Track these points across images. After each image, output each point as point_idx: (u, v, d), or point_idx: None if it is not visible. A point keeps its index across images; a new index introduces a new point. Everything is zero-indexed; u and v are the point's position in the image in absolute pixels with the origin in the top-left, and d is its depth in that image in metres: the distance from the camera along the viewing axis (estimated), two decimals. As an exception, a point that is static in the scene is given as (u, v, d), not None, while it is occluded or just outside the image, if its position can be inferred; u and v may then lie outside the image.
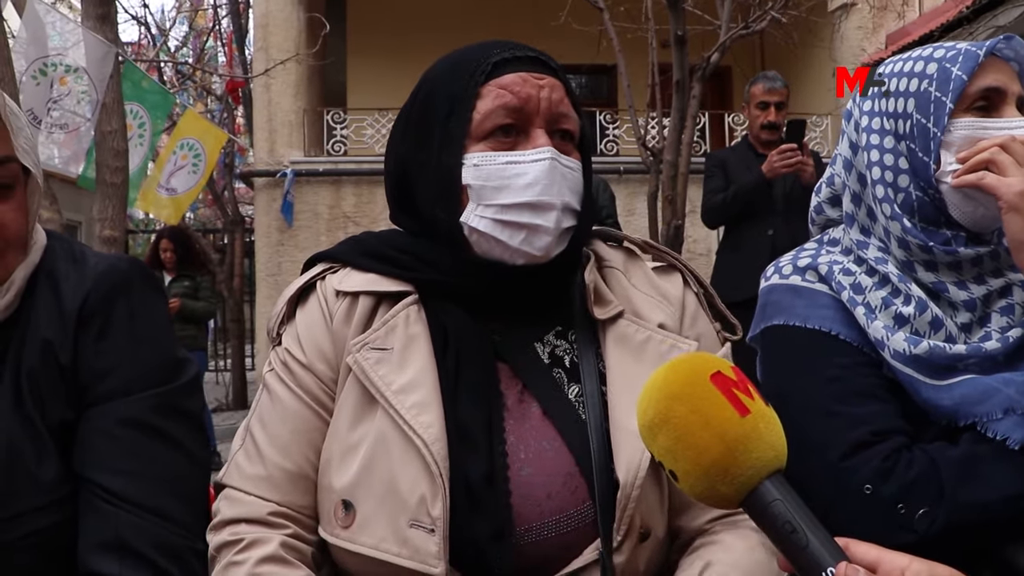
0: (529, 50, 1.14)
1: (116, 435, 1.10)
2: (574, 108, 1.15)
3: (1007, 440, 1.15)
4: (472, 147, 1.10)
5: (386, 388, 1.06)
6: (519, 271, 1.11)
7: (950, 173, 1.23)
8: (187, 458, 1.15)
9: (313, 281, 1.19)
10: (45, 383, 1.10)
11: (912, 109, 1.26)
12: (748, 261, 4.00)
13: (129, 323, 1.15)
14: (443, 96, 1.13)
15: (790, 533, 0.70)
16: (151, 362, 1.15)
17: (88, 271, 1.16)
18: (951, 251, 1.24)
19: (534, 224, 1.08)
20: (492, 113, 1.09)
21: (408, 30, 10.32)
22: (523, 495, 1.04)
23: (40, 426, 1.08)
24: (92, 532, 1.07)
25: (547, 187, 1.08)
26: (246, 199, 13.65)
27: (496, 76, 1.11)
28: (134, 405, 1.12)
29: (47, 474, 1.08)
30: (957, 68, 1.23)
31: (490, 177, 1.09)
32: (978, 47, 1.24)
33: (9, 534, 1.05)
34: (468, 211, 1.10)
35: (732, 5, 5.55)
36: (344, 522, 1.04)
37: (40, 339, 1.10)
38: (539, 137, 1.10)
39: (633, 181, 8.34)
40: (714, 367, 0.76)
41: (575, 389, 1.12)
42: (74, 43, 4.52)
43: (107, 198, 4.26)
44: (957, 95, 1.23)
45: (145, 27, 12.16)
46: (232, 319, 10.85)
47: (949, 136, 1.24)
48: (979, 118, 1.24)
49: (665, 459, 0.75)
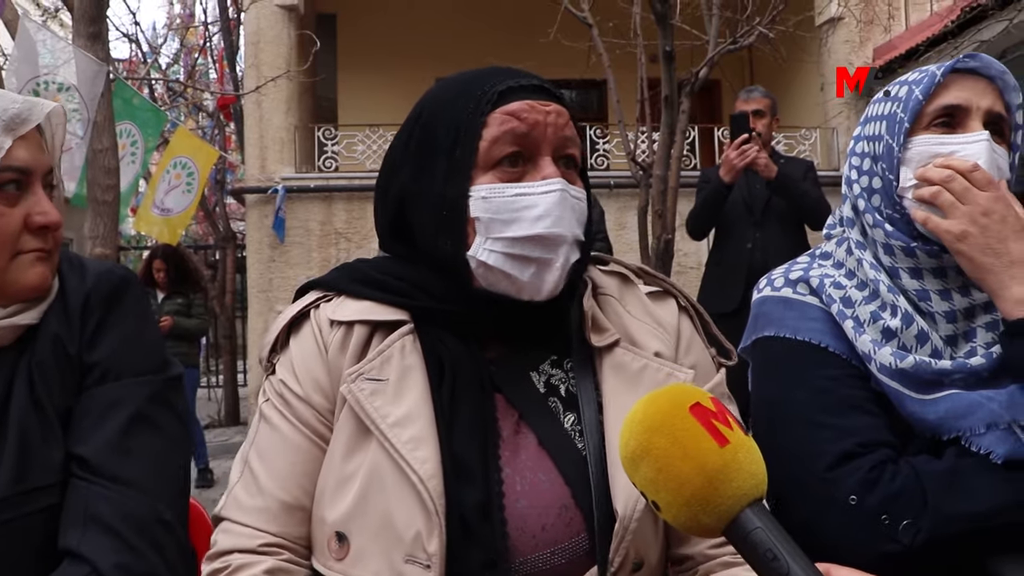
0: (534, 78, 1.13)
1: (102, 414, 1.16)
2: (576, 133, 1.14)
3: (990, 454, 1.17)
4: (479, 178, 1.08)
5: (381, 421, 1.04)
6: (520, 305, 1.10)
7: (909, 188, 1.27)
8: (169, 441, 1.20)
9: (306, 310, 1.17)
10: (55, 372, 1.17)
11: (883, 131, 1.31)
12: (728, 274, 4.06)
13: (123, 321, 1.23)
14: (446, 124, 1.11)
15: (771, 561, 0.70)
16: (141, 355, 1.23)
17: (88, 275, 1.25)
18: (935, 254, 1.26)
19: (545, 259, 1.07)
20: (499, 140, 1.08)
21: (398, 47, 10.36)
22: (518, 528, 1.03)
23: (50, 411, 1.15)
24: (67, 508, 1.12)
25: (558, 219, 1.07)
26: (237, 215, 13.63)
27: (502, 104, 1.09)
28: (123, 389, 1.19)
29: (53, 454, 1.14)
30: (918, 89, 1.28)
31: (499, 210, 1.07)
32: (940, 67, 1.28)
33: (22, 509, 1.10)
34: (476, 244, 1.08)
35: (720, 21, 5.59)
36: (338, 554, 1.04)
37: (51, 334, 1.18)
38: (547, 166, 1.09)
39: (623, 195, 8.35)
40: (693, 398, 0.76)
41: (571, 418, 1.11)
42: (65, 61, 4.52)
43: (99, 216, 4.25)
44: (914, 114, 1.27)
45: (136, 44, 12.18)
46: (224, 335, 10.82)
47: (907, 153, 1.28)
48: (936, 135, 1.27)
49: (648, 490, 0.76)
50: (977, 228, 1.18)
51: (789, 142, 9.19)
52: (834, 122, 8.98)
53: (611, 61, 5.86)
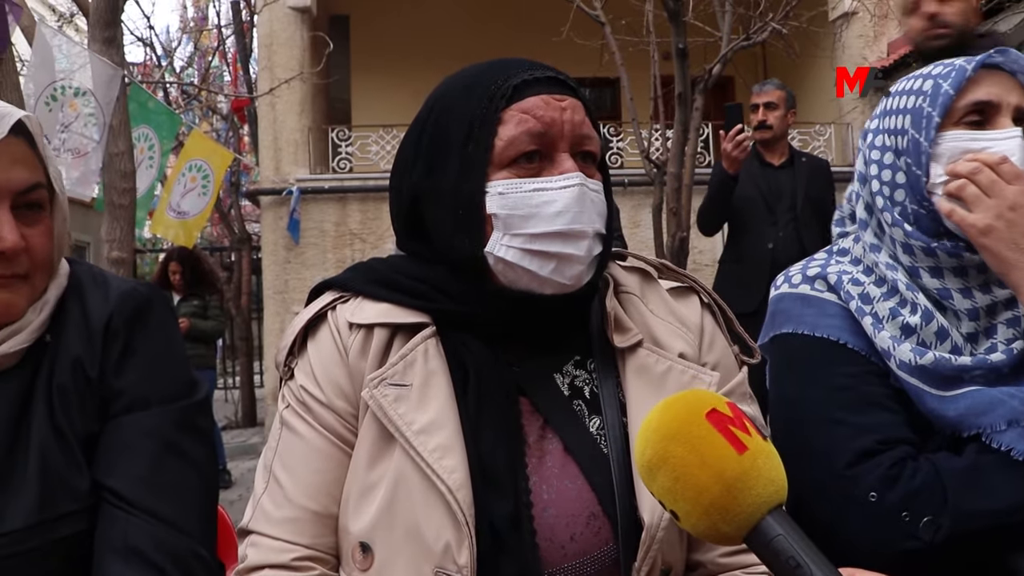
0: (548, 70, 1.10)
1: (134, 445, 1.14)
2: (593, 126, 1.10)
3: (1011, 451, 1.16)
4: (494, 174, 1.05)
5: (406, 428, 1.01)
6: (544, 301, 1.07)
7: (940, 185, 1.25)
8: (198, 472, 1.18)
9: (323, 312, 1.14)
10: (75, 397, 1.14)
11: (908, 125, 1.29)
12: (749, 274, 4.03)
13: (149, 342, 1.20)
14: (460, 119, 1.07)
15: (794, 568, 0.68)
16: (168, 379, 1.20)
17: (111, 293, 1.21)
18: (955, 253, 1.25)
19: (565, 253, 1.04)
20: (516, 140, 1.04)
21: (411, 47, 10.38)
22: (547, 538, 1.01)
23: (71, 438, 1.13)
24: (104, 537, 1.10)
25: (577, 215, 1.04)
26: (252, 217, 13.70)
27: (517, 99, 1.06)
28: (152, 418, 1.16)
29: (78, 482, 1.12)
30: (947, 83, 1.26)
31: (517, 206, 1.04)
32: (970, 62, 1.26)
33: (43, 538, 1.09)
34: (493, 241, 1.05)
35: (733, 17, 5.57)
36: (362, 565, 1.02)
37: (71, 356, 1.15)
38: (565, 161, 1.05)
39: (638, 193, 8.35)
40: (709, 404, 0.74)
41: (596, 422, 1.08)
42: (80, 65, 4.55)
43: (115, 219, 4.29)
44: (944, 109, 1.25)
45: (150, 48, 12.26)
46: (240, 337, 10.89)
47: (937, 149, 1.26)
48: (969, 131, 1.26)
49: (665, 499, 0.74)
50: (1003, 223, 1.17)
51: (803, 138, 9.16)
52: (848, 118, 8.94)
53: (624, 59, 5.85)
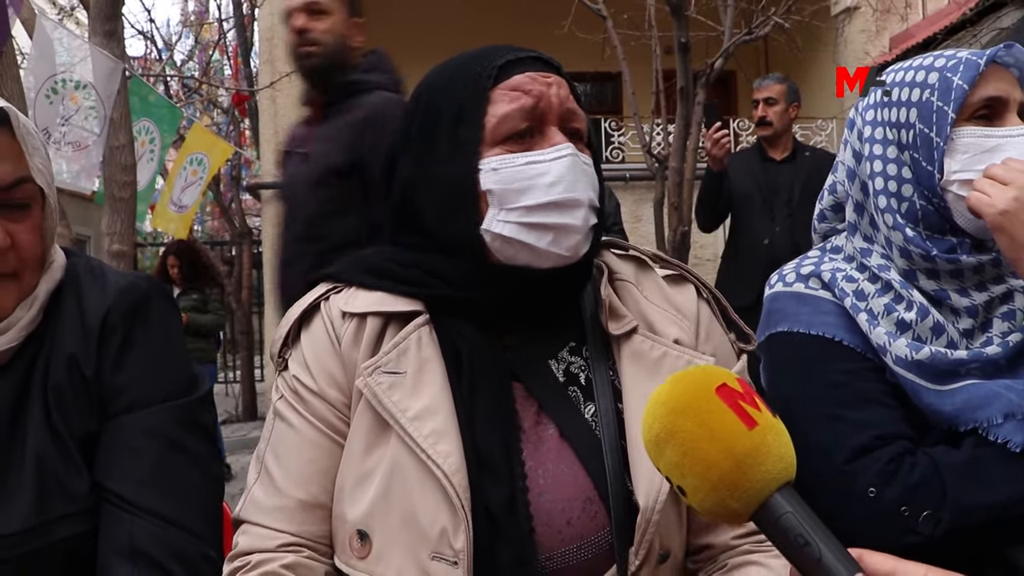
0: (531, 51, 1.12)
1: (136, 446, 1.12)
2: (579, 106, 1.12)
3: (1008, 443, 1.16)
4: (487, 152, 1.06)
5: (401, 415, 1.02)
6: (543, 276, 1.08)
7: (955, 182, 1.24)
8: (202, 470, 1.17)
9: (316, 302, 1.14)
10: (71, 397, 1.13)
11: (915, 119, 1.28)
12: (744, 270, 4.03)
13: (148, 339, 1.18)
14: (448, 104, 1.09)
15: (803, 546, 0.67)
16: (169, 376, 1.18)
17: (109, 287, 1.19)
18: (953, 259, 1.25)
19: (562, 224, 1.05)
20: (508, 117, 1.06)
21: (410, 41, 10.34)
22: (544, 523, 1.01)
23: (68, 439, 1.11)
24: (109, 539, 1.09)
25: (571, 184, 1.05)
26: (253, 211, 13.70)
27: (504, 79, 1.08)
28: (154, 417, 1.14)
29: (76, 485, 1.11)
30: (958, 78, 1.25)
31: (511, 180, 1.05)
32: (978, 56, 1.26)
33: (42, 540, 1.08)
34: (489, 217, 1.06)
35: (735, 11, 5.57)
36: (360, 552, 1.03)
37: (66, 353, 1.13)
38: (555, 135, 1.07)
39: (639, 188, 8.35)
40: (719, 379, 0.73)
41: (591, 408, 1.08)
42: (81, 59, 4.54)
43: (116, 212, 4.28)
44: (959, 105, 1.24)
45: (151, 42, 12.25)
46: (241, 331, 10.89)
47: (952, 145, 1.25)
48: (982, 127, 1.25)
49: (672, 474, 0.73)
50: (1020, 204, 1.16)
51: (805, 132, 9.15)
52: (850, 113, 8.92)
53: (626, 53, 5.84)
